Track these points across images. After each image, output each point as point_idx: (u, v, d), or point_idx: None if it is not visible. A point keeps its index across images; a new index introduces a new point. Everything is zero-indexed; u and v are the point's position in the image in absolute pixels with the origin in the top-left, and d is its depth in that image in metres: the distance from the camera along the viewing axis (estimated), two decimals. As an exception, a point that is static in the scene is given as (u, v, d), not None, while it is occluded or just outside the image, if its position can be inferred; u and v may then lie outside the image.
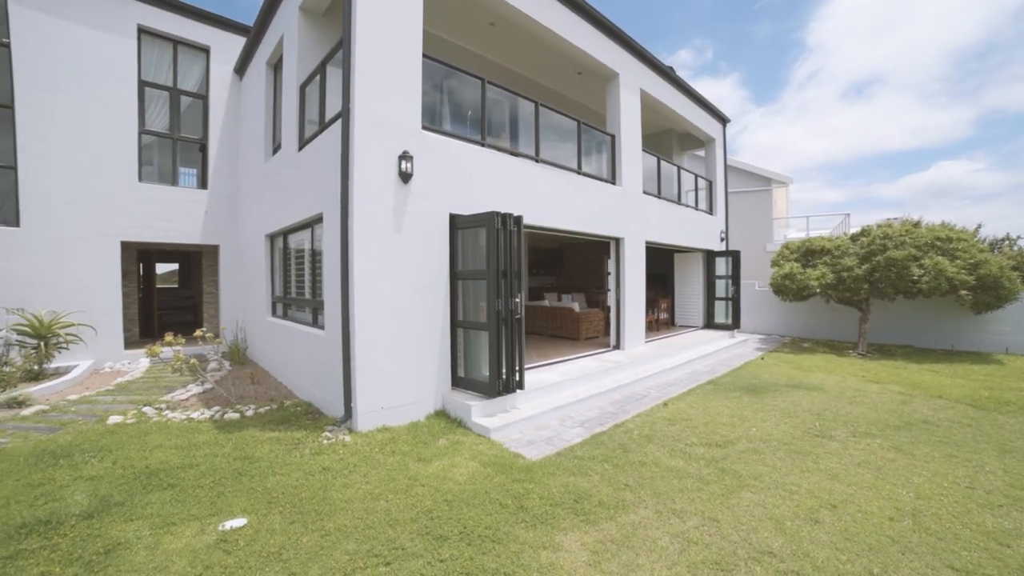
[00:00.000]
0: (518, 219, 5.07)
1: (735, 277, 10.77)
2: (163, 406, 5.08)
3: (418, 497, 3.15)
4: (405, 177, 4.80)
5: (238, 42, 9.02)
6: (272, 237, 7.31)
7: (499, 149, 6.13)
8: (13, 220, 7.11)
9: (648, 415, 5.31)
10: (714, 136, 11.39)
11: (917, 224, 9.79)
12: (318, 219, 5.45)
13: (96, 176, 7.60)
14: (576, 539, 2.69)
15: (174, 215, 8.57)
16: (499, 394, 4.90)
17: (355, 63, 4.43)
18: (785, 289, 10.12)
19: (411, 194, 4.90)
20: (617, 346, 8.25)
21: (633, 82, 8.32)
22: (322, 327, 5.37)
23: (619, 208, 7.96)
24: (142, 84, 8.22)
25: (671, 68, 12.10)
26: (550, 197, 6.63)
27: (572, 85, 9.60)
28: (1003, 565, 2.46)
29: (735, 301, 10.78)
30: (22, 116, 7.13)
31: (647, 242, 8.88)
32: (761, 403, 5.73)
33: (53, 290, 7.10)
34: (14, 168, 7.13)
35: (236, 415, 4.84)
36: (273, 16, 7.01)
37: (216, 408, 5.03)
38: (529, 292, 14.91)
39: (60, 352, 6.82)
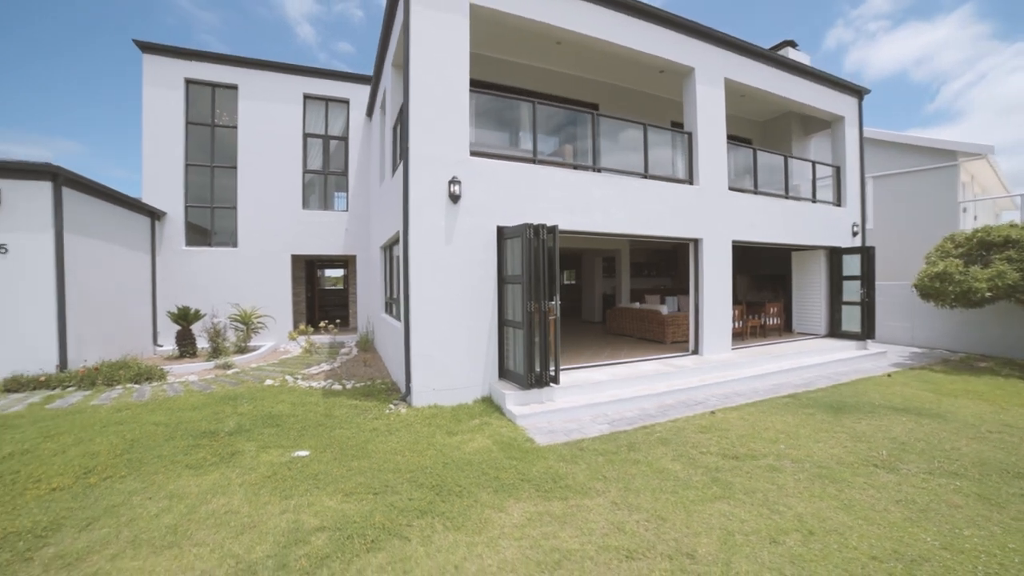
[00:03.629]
0: (552, 228, 5.53)
1: (867, 278, 8.99)
2: (299, 377, 7.04)
3: (426, 457, 4.00)
4: (454, 198, 5.73)
5: (368, 91, 11.30)
6: (383, 248, 9.10)
7: (552, 163, 6.63)
8: (234, 243, 10.40)
9: (686, 421, 5.21)
10: (842, 114, 9.64)
11: None
12: (398, 235, 6.78)
13: (275, 208, 10.55)
14: (522, 508, 3.18)
15: (325, 233, 11.23)
16: (531, 387, 5.46)
17: (411, 110, 5.52)
18: (937, 292, 8.09)
19: (460, 212, 5.80)
20: (696, 351, 7.88)
21: (713, 74, 7.80)
22: (400, 321, 6.68)
23: (695, 208, 7.60)
24: (305, 136, 11.02)
25: (792, 43, 10.72)
26: (609, 203, 6.81)
27: (654, 82, 9.36)
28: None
29: (867, 306, 9.01)
30: (240, 172, 10.37)
31: (740, 242, 8.20)
32: (834, 423, 5.03)
33: (251, 291, 10.17)
34: (235, 208, 10.43)
35: (339, 387, 6.44)
36: (382, 70, 8.76)
37: (329, 381, 6.75)
38: (631, 294, 14.69)
39: (255, 335, 9.73)
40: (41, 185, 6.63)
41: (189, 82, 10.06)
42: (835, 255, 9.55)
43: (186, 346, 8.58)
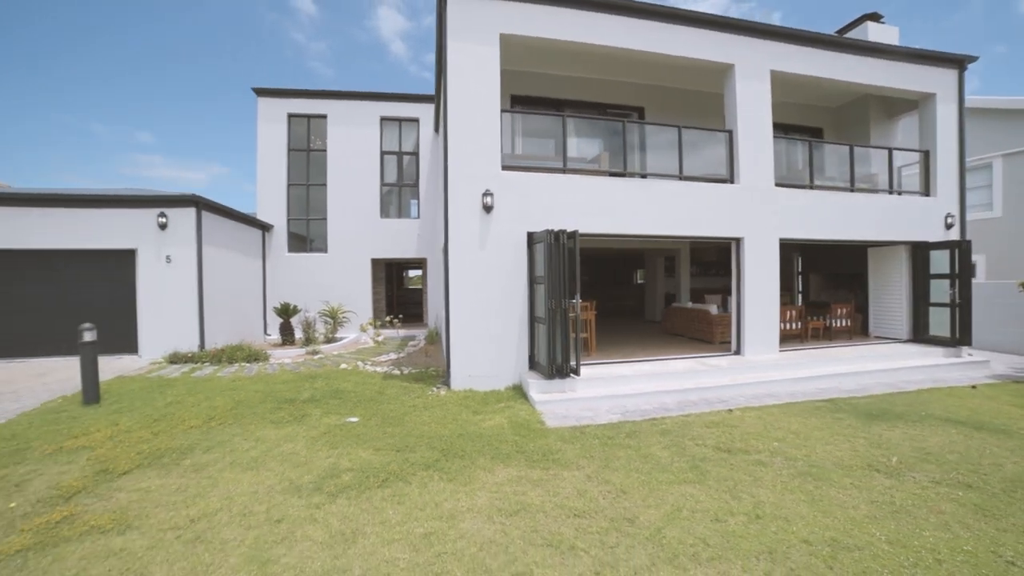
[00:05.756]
0: (572, 233, 6.03)
1: (962, 276, 7.95)
2: (368, 363, 8.37)
3: (447, 429, 4.81)
4: (487, 209, 6.49)
5: (433, 109, 12.58)
6: (443, 252, 10.21)
7: (581, 171, 7.09)
8: (324, 249, 12.36)
9: (698, 417, 5.38)
10: (932, 91, 8.54)
11: None
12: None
13: (357, 217, 12.30)
14: (507, 472, 3.82)
15: (400, 239, 12.77)
16: (552, 376, 6.03)
17: (449, 132, 6.39)
18: (1048, 294, 6.93)
19: (492, 220, 6.55)
20: (737, 351, 7.76)
21: (755, 68, 7.55)
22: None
23: (735, 207, 7.49)
24: (382, 153, 12.64)
25: (874, 16, 9.80)
26: (637, 205, 7.08)
27: (702, 79, 9.15)
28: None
29: (961, 308, 7.96)
30: (329, 188, 12.29)
31: (789, 239, 7.87)
32: (859, 430, 4.85)
33: (338, 290, 12.01)
34: (325, 219, 12.38)
35: (398, 372, 7.59)
36: (439, 91, 9.84)
37: (391, 367, 7.96)
38: (695, 294, 14.25)
39: (340, 327, 11.50)
40: (188, 211, 8.79)
41: (290, 116, 12.19)
42: (920, 251, 8.56)
43: (286, 335, 10.52)
